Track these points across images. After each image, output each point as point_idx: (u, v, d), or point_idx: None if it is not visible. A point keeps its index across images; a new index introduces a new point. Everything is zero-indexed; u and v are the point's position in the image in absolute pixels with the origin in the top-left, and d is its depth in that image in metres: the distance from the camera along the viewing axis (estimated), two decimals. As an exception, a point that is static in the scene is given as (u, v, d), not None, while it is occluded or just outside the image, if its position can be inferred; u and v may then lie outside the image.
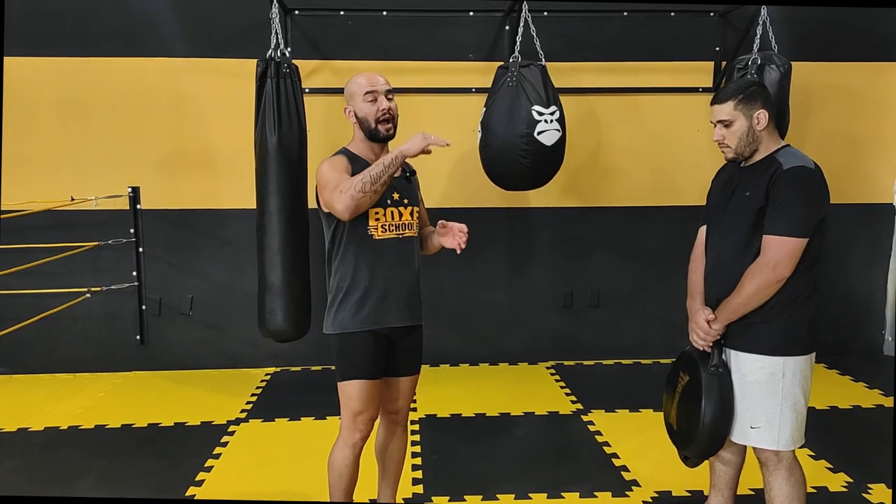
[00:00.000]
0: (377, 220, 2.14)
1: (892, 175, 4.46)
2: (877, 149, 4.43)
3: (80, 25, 4.01)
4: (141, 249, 4.18)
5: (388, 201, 2.15)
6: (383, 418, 2.36)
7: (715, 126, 2.11)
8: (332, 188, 2.04)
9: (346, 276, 2.16)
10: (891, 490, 2.74)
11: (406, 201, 2.19)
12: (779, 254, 1.96)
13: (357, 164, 2.14)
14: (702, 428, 2.07)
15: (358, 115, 2.16)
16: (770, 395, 2.03)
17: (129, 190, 4.12)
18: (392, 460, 2.40)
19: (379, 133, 2.15)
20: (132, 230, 4.14)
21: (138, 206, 4.15)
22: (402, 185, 2.21)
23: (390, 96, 2.17)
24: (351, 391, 2.16)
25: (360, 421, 2.17)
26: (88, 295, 4.01)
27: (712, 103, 2.12)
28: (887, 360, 4.44)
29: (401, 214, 2.18)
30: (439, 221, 2.26)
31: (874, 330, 4.56)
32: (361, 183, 2.00)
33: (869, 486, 2.78)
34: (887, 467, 2.91)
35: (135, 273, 4.18)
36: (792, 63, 3.75)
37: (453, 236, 2.20)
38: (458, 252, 2.20)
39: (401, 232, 2.19)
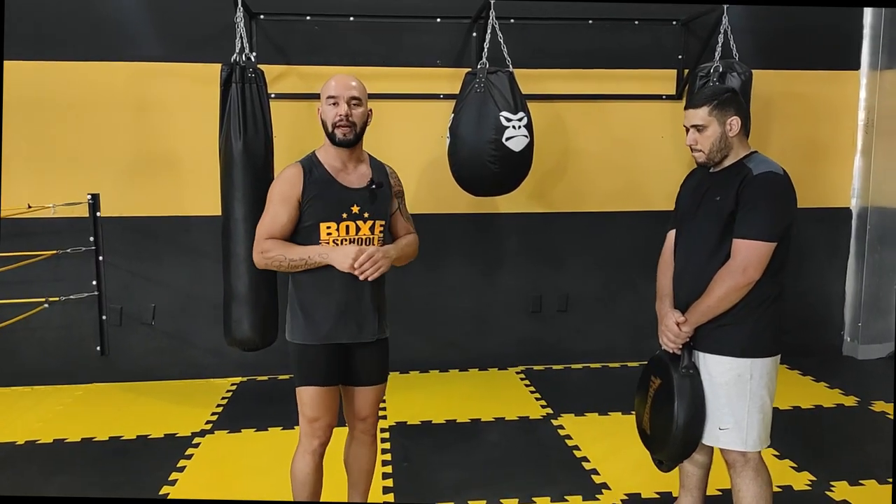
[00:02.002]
0: (329, 234, 2.10)
1: (848, 180, 4.59)
2: (834, 154, 4.56)
3: (37, 28, 3.89)
4: (101, 258, 4.08)
5: (344, 215, 2.10)
6: (350, 428, 2.34)
7: (688, 130, 2.13)
8: (260, 227, 2.13)
9: (301, 288, 2.16)
10: (850, 486, 2.81)
11: (367, 215, 2.13)
12: (748, 258, 1.98)
13: (314, 174, 2.11)
14: (675, 430, 2.08)
15: (321, 117, 2.13)
16: (738, 397, 2.06)
17: (89, 197, 4.01)
18: (360, 470, 2.37)
19: (335, 136, 2.10)
20: (92, 238, 4.03)
21: (98, 214, 4.04)
22: (364, 197, 2.14)
23: (355, 102, 2.09)
24: (305, 398, 2.16)
25: (318, 427, 2.16)
26: (46, 305, 3.88)
27: (686, 108, 2.14)
28: (847, 361, 4.56)
29: (358, 228, 2.12)
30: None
31: (834, 331, 4.68)
32: (278, 261, 2.08)
33: (832, 483, 2.84)
34: (849, 465, 2.99)
35: (94, 282, 4.07)
36: (752, 71, 3.84)
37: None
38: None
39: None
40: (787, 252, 2.07)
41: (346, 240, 2.11)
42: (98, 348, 4.12)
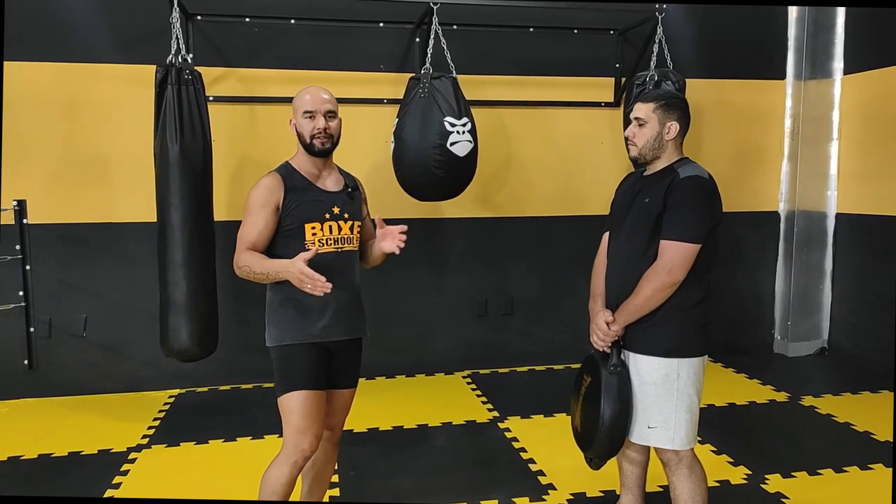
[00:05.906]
0: (314, 234, 2.13)
1: (776, 185, 4.81)
2: (762, 160, 4.76)
3: (-45, 25, 3.70)
4: (28, 267, 3.89)
5: (327, 216, 2.16)
6: None
7: (631, 122, 2.20)
8: (239, 237, 2.11)
9: (282, 289, 2.13)
10: (783, 479, 2.92)
11: (346, 215, 2.21)
12: (673, 258, 2.05)
13: (293, 180, 2.14)
14: (601, 426, 2.13)
15: (297, 129, 2.18)
16: (665, 396, 2.12)
17: (15, 203, 3.82)
18: (320, 480, 2.35)
19: (313, 147, 2.16)
20: (18, 246, 3.84)
21: (25, 221, 3.85)
22: (344, 199, 2.22)
23: (330, 115, 2.16)
24: (292, 405, 2.09)
25: (304, 439, 2.08)
26: (-33, 318, 3.68)
27: (635, 101, 2.23)
28: (778, 358, 4.76)
29: (340, 229, 2.18)
30: (376, 218, 2.27)
31: (765, 330, 4.88)
32: (247, 272, 2.08)
33: (766, 476, 2.95)
34: (781, 459, 3.11)
35: (21, 293, 3.87)
36: (686, 79, 3.98)
37: (392, 238, 2.24)
38: (397, 253, 2.23)
39: (340, 246, 2.19)
40: (712, 254, 2.14)
41: (329, 239, 2.15)
42: (26, 362, 3.92)
